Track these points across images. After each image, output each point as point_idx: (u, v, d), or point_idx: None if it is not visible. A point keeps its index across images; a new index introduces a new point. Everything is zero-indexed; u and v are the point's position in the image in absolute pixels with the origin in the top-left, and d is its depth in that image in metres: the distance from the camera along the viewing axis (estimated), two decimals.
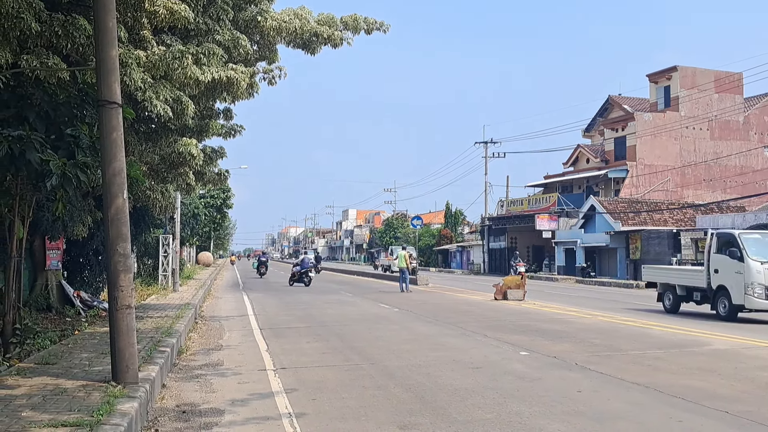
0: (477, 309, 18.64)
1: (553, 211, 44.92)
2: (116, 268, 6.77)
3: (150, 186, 13.25)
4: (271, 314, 17.40)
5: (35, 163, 6.96)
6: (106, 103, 6.77)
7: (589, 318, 15.68)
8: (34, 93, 8.05)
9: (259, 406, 6.99)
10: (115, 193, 6.78)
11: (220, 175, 16.35)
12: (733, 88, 46.21)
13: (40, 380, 6.85)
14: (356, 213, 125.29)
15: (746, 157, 45.72)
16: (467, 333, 12.94)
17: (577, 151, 51.63)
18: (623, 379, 8.22)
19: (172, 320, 12.56)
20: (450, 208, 69.83)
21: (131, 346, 6.78)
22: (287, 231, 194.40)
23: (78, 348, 9.17)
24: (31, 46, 7.48)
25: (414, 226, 46.11)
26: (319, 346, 11.27)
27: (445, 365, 9.29)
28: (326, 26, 11.08)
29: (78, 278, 16.16)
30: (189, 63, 8.45)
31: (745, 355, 10.19)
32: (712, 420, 6.33)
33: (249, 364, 9.59)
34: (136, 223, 16.72)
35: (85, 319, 12.76)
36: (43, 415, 5.40)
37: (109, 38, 6.78)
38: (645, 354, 10.22)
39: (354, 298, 23.03)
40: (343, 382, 8.14)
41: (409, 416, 6.50)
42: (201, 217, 43.81)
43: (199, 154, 11.67)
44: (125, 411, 5.55)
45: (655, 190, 44.49)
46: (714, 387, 7.80)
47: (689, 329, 13.35)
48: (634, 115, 45.52)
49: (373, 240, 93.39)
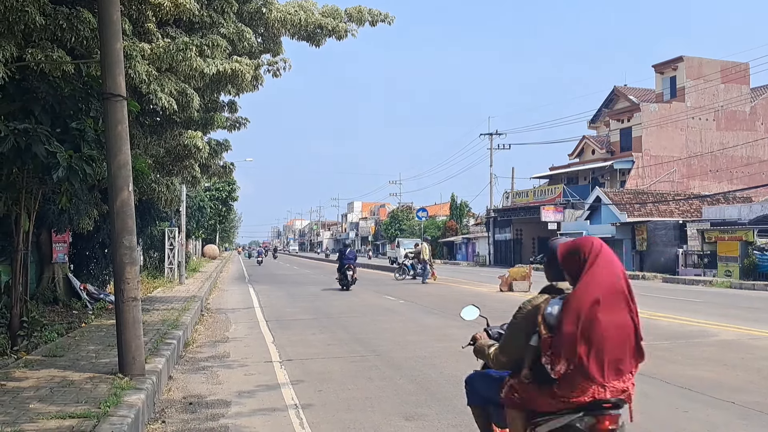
0: (482, 300, 18.63)
1: (559, 202, 44.81)
2: (122, 261, 6.79)
3: (155, 179, 13.23)
4: (277, 306, 17.45)
5: (41, 155, 6.96)
6: (111, 96, 6.77)
7: None
8: (39, 86, 8.04)
9: (265, 398, 7.02)
10: (120, 186, 6.79)
11: (226, 167, 16.34)
12: (739, 78, 45.94)
13: (47, 372, 6.89)
14: (361, 205, 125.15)
15: (753, 148, 45.47)
16: (473, 324, 12.92)
17: (582, 142, 51.46)
18: None
19: (179, 313, 12.61)
20: (455, 199, 69.66)
21: (138, 338, 6.80)
22: (292, 224, 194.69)
23: (85, 340, 9.21)
24: (36, 40, 7.47)
25: (419, 218, 46.06)
26: (325, 338, 11.30)
27: (450, 356, 9.30)
28: (331, 18, 11.02)
29: (84, 271, 16.21)
30: (193, 55, 8.43)
31: (752, 346, 10.16)
32: (718, 410, 6.32)
33: (255, 356, 9.63)
34: (141, 216, 16.73)
35: (91, 312, 12.81)
36: (51, 407, 5.43)
37: (114, 31, 6.77)
38: (651, 344, 10.19)
39: (359, 290, 23.04)
40: (349, 373, 8.16)
41: (415, 407, 6.52)
42: (206, 209, 43.85)
43: (204, 146, 11.64)
44: (132, 403, 5.57)
45: (661, 181, 44.33)
46: (721, 377, 7.79)
47: (697, 320, 13.32)
48: (639, 105, 45.31)
49: (379, 232, 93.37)
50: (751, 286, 24.09)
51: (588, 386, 3.15)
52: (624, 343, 3.24)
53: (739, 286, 24.62)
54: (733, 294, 21.78)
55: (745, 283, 24.84)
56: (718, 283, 25.79)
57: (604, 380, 3.16)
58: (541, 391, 3.26)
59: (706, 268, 29.63)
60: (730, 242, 27.66)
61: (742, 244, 26.92)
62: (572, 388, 3.16)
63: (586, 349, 3.10)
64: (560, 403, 3.21)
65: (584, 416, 3.19)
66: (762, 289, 23.44)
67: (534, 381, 3.28)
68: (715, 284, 25.61)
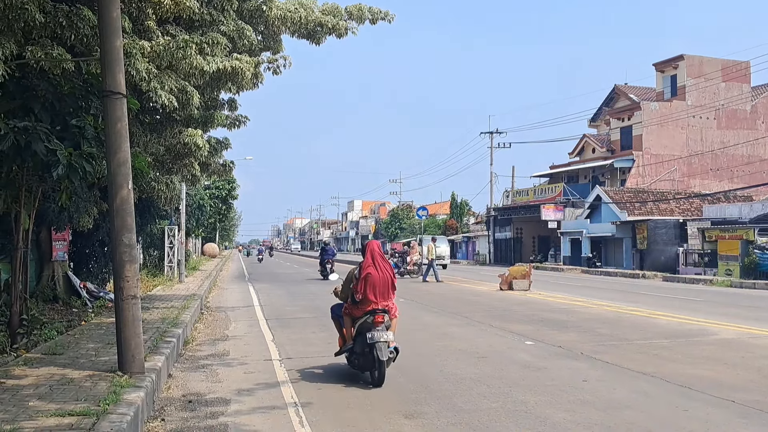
0: (482, 299, 18.65)
1: (559, 201, 44.79)
2: (122, 259, 6.78)
3: (155, 177, 13.24)
4: (277, 305, 17.44)
5: (41, 153, 6.96)
6: (111, 93, 6.76)
7: (594, 308, 15.67)
8: (39, 84, 8.04)
9: (264, 396, 7.01)
10: (120, 184, 6.79)
11: (225, 166, 16.32)
12: (740, 77, 45.89)
13: (46, 370, 6.89)
14: (362, 204, 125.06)
15: (753, 147, 45.45)
16: (473, 323, 12.95)
17: (582, 140, 51.43)
18: (629, 369, 8.22)
19: (178, 311, 12.61)
20: (455, 198, 69.59)
21: (137, 336, 6.80)
22: (293, 222, 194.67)
23: (84, 338, 9.21)
24: (36, 37, 7.47)
25: (419, 216, 46.16)
26: (325, 336, 11.29)
27: (450, 355, 9.30)
28: (331, 16, 11.02)
29: (84, 269, 16.21)
30: (194, 53, 8.42)
31: (752, 344, 10.16)
32: (718, 409, 6.32)
33: (255, 354, 9.62)
34: (141, 214, 16.73)
35: (91, 310, 12.81)
36: (50, 405, 5.43)
37: (114, 29, 6.77)
38: (651, 343, 10.20)
39: None
40: (349, 371, 8.15)
41: (414, 405, 6.51)
42: (206, 208, 43.88)
43: (204, 144, 11.63)
44: (131, 400, 5.57)
45: (662, 180, 44.32)
46: (720, 376, 7.79)
47: (697, 319, 13.32)
48: (640, 104, 45.27)
49: (379, 231, 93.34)
50: (752, 285, 24.08)
51: (370, 304, 7.51)
52: (385, 285, 7.60)
53: (739, 285, 24.61)
54: (733, 293, 21.78)
55: (745, 282, 24.84)
56: (719, 282, 25.78)
57: (377, 301, 7.53)
58: (355, 307, 7.66)
59: (707, 267, 29.63)
60: (731, 241, 27.65)
61: (743, 243, 26.92)
62: (365, 305, 7.54)
63: (366, 287, 7.51)
64: (362, 312, 7.58)
65: (370, 316, 7.48)
66: (762, 288, 23.44)
67: (352, 303, 7.71)
68: (716, 283, 25.61)
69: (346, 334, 7.83)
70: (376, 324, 7.39)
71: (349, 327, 7.77)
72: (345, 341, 7.88)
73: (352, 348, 7.66)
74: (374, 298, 7.46)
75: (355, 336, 7.65)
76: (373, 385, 7.31)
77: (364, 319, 7.49)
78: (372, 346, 7.28)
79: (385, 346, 7.29)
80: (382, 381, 7.29)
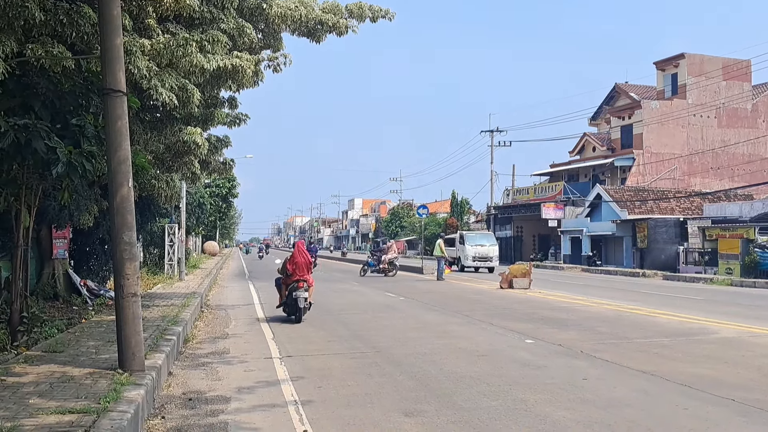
0: (483, 297, 18.65)
1: (559, 199, 44.81)
2: (122, 257, 6.78)
3: (155, 175, 13.23)
4: (277, 303, 17.40)
5: (41, 151, 6.95)
6: (111, 91, 6.75)
7: (594, 306, 15.67)
8: (39, 82, 8.03)
9: (265, 394, 7.01)
10: (120, 182, 6.79)
11: (226, 164, 16.33)
12: (741, 76, 45.86)
13: (47, 368, 6.89)
14: (362, 202, 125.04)
15: (754, 145, 45.44)
16: (473, 321, 12.95)
17: (583, 139, 51.41)
18: (629, 367, 8.22)
19: (178, 309, 12.61)
20: (456, 197, 69.50)
21: (137, 334, 6.80)
22: (293, 220, 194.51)
23: (85, 336, 9.21)
24: (36, 35, 7.46)
25: (420, 215, 45.96)
26: (325, 334, 11.30)
27: (450, 353, 9.30)
28: (331, 14, 11.01)
29: (84, 267, 16.21)
30: (194, 51, 8.41)
31: (752, 343, 10.16)
32: (718, 407, 6.32)
33: (255, 352, 9.63)
34: (141, 212, 16.74)
35: (91, 308, 12.82)
36: (51, 403, 5.43)
37: (114, 26, 6.76)
38: (651, 342, 10.21)
39: (360, 287, 23.06)
40: (348, 369, 8.16)
41: (414, 403, 6.52)
42: (206, 206, 43.85)
43: (204, 142, 11.63)
44: (132, 398, 5.57)
45: (662, 179, 44.32)
46: (720, 375, 7.79)
47: (697, 317, 13.33)
48: (640, 103, 45.26)
49: (379, 229, 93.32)
50: (752, 284, 24.09)
51: (295, 276, 13.02)
52: (304, 266, 13.15)
53: (740, 283, 24.62)
54: (733, 292, 21.79)
55: (746, 280, 24.84)
56: (719, 280, 25.79)
57: (299, 274, 13.03)
58: (287, 279, 13.17)
59: (707, 266, 29.64)
60: (731, 240, 27.66)
61: (743, 242, 26.93)
62: (293, 277, 13.04)
63: (294, 267, 13.12)
64: (292, 281, 13.01)
65: (295, 283, 12.92)
66: (763, 287, 23.44)
67: (285, 276, 13.27)
68: (716, 282, 25.61)
69: (283, 294, 13.27)
70: (298, 287, 12.81)
71: (283, 291, 13.29)
72: (282, 298, 13.40)
73: (285, 302, 13.10)
74: (298, 272, 13.01)
75: (287, 295, 13.01)
76: (295, 321, 12.80)
77: (292, 285, 12.90)
78: (295, 299, 12.73)
79: (302, 299, 12.73)
80: (300, 319, 12.78)
